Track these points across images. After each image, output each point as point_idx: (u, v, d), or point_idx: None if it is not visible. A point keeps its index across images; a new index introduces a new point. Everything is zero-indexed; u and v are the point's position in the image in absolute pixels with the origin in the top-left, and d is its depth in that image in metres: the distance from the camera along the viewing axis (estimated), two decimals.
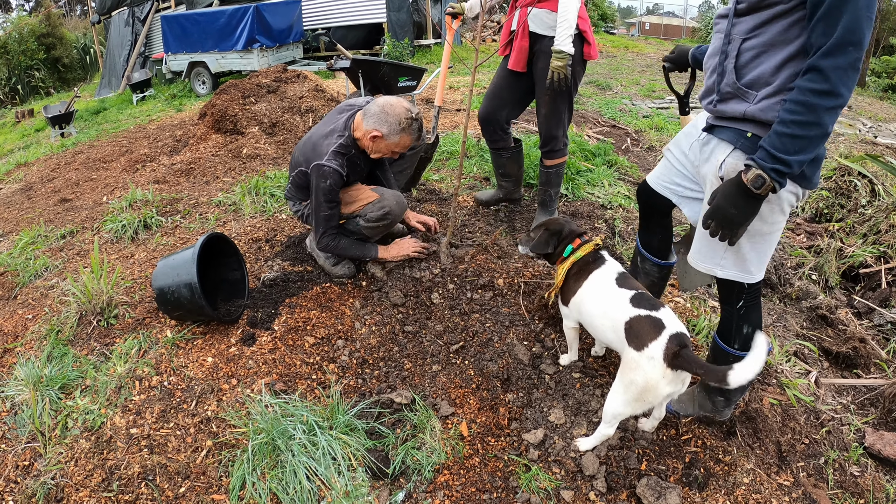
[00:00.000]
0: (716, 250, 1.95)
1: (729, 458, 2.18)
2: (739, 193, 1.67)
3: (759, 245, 1.90)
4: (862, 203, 4.20)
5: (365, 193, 3.05)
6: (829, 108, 1.54)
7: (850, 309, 3.35)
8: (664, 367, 1.88)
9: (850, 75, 1.51)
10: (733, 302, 2.05)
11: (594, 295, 2.20)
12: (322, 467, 1.99)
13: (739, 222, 1.70)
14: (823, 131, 1.56)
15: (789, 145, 1.57)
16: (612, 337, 2.09)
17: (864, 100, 13.08)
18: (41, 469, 2.15)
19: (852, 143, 7.48)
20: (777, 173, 1.60)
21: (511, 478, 2.07)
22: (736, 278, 1.96)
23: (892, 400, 2.58)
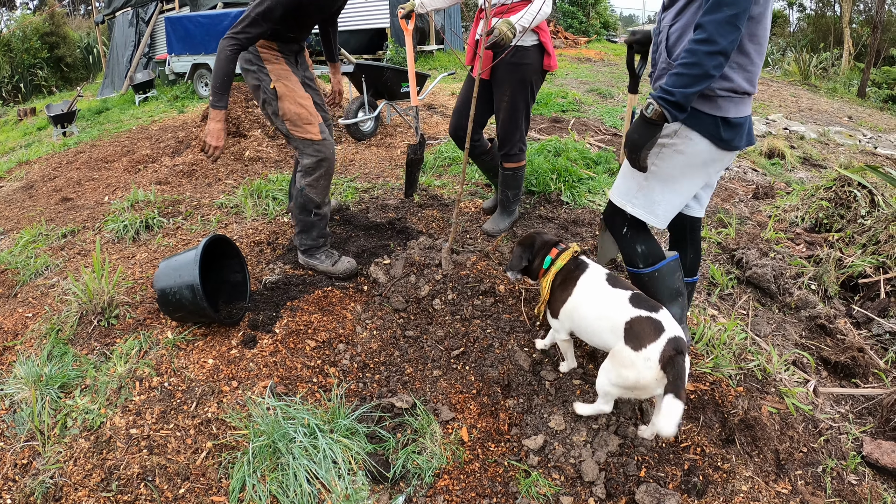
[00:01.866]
0: (630, 189, 2.30)
1: (727, 465, 2.18)
2: (639, 121, 2.04)
3: (668, 193, 2.24)
4: (861, 213, 4.20)
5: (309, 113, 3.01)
6: (706, 53, 1.86)
7: (848, 319, 3.36)
8: (658, 369, 1.93)
9: (725, 28, 1.84)
10: (619, 230, 2.39)
11: (587, 300, 2.20)
12: (322, 470, 1.99)
13: (640, 145, 2.04)
14: (704, 72, 1.88)
15: (676, 81, 1.92)
16: (610, 337, 2.11)
17: (865, 110, 13.11)
18: (40, 468, 2.16)
19: (852, 154, 7.49)
20: (663, 101, 1.94)
21: (511, 483, 2.07)
22: (642, 217, 2.29)
23: (889, 409, 2.58)
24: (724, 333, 2.86)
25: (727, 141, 2.12)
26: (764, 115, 9.40)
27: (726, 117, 2.10)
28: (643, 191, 2.26)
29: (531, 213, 4.14)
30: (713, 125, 2.11)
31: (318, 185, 3.09)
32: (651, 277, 2.40)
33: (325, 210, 3.20)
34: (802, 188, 5.09)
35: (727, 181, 5.63)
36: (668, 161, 2.19)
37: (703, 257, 3.79)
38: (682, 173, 2.20)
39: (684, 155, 2.16)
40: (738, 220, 4.43)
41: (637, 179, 2.26)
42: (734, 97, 2.09)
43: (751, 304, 3.34)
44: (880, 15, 17.11)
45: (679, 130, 2.14)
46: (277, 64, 2.97)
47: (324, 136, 3.03)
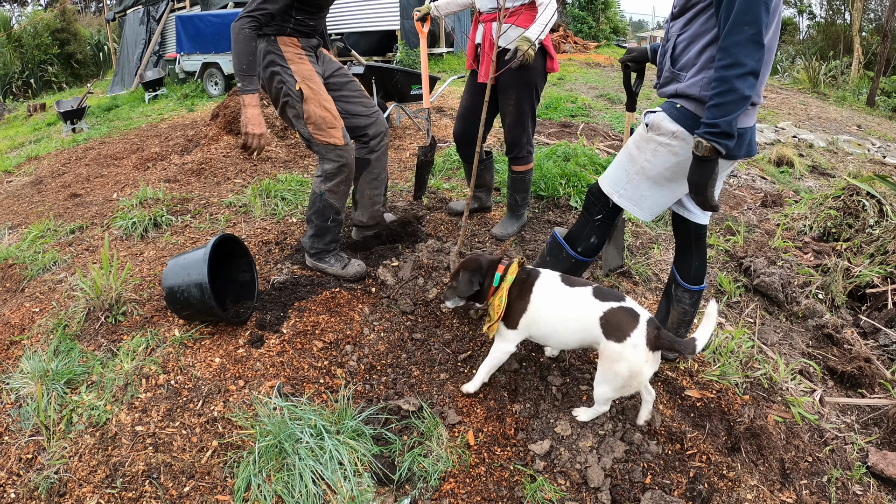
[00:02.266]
0: (620, 179, 2.33)
1: (733, 473, 2.17)
2: (695, 163, 2.00)
3: (656, 190, 2.27)
4: (870, 223, 4.19)
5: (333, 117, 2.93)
6: (737, 77, 1.85)
7: (855, 329, 3.35)
8: (647, 351, 1.99)
9: (749, 48, 1.83)
10: (593, 212, 2.44)
11: (549, 304, 2.19)
12: (328, 471, 1.99)
13: (703, 183, 2.02)
14: (739, 95, 1.86)
15: (715, 112, 1.90)
16: (581, 336, 2.12)
17: (874, 119, 13.06)
18: (44, 463, 2.16)
19: (861, 163, 7.47)
20: (710, 135, 1.92)
21: (516, 488, 2.06)
22: (628, 208, 2.32)
23: (895, 420, 2.57)
24: (731, 341, 2.85)
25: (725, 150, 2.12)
26: (773, 123, 9.38)
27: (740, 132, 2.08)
28: (632, 183, 2.29)
29: (539, 217, 4.14)
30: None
31: (339, 190, 3.03)
32: (573, 262, 2.51)
33: (342, 216, 3.15)
34: (811, 197, 5.08)
35: (735, 189, 5.62)
36: (662, 160, 2.20)
37: (711, 265, 3.78)
38: (673, 174, 2.22)
39: (679, 157, 2.17)
40: (746, 228, 4.42)
41: (628, 172, 2.30)
42: None
43: (758, 312, 3.34)
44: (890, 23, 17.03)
45: (678, 132, 2.15)
46: (302, 64, 2.89)
47: (346, 140, 2.96)
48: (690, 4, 2.08)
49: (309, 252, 3.23)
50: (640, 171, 2.26)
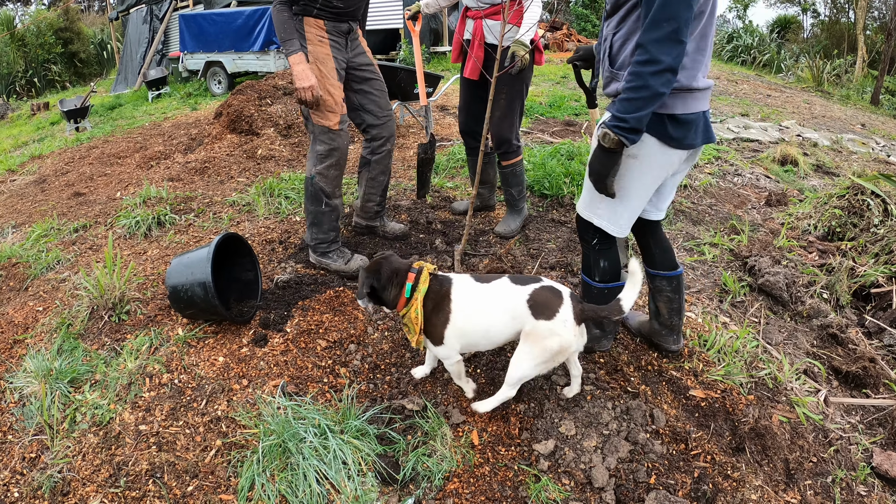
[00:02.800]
0: (594, 201, 2.30)
1: (737, 474, 2.17)
2: (598, 151, 2.06)
3: (628, 201, 2.24)
4: (875, 222, 4.16)
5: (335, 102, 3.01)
6: (652, 73, 1.84)
7: (860, 329, 3.33)
8: (575, 326, 2.03)
9: (666, 45, 1.82)
10: (589, 240, 2.41)
11: (473, 308, 2.13)
12: (332, 471, 1.99)
13: (605, 174, 2.07)
14: (653, 92, 1.87)
15: (627, 106, 1.91)
16: (513, 327, 2.11)
17: (878, 118, 13.01)
18: (48, 462, 2.16)
19: (865, 162, 7.43)
20: (618, 129, 1.94)
21: (521, 488, 2.06)
22: (606, 228, 2.30)
23: None
24: (735, 341, 2.84)
25: (677, 139, 2.11)
26: (777, 122, 9.35)
27: (673, 114, 2.08)
28: (605, 202, 2.26)
29: (544, 216, 4.14)
30: (659, 123, 2.09)
31: (329, 174, 3.10)
32: (600, 293, 2.44)
33: (336, 202, 3.18)
34: (815, 196, 5.06)
35: (740, 188, 5.60)
36: (625, 168, 2.18)
37: (715, 264, 3.77)
38: (639, 177, 2.19)
39: (637, 158, 2.15)
40: (750, 227, 4.41)
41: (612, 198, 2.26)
42: (678, 93, 2.06)
43: (763, 311, 3.32)
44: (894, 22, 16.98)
45: None
46: (319, 46, 2.96)
47: (341, 127, 3.04)
48: (621, 2, 2.08)
49: (311, 246, 3.26)
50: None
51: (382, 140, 3.32)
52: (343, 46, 3.07)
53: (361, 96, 3.22)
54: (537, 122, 7.53)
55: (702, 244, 4.02)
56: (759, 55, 20.84)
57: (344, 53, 3.08)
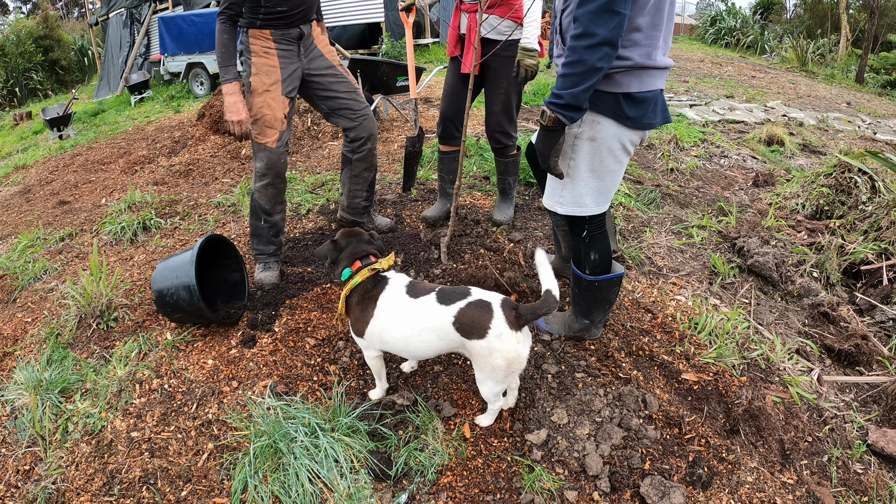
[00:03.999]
0: (555, 189, 2.28)
1: (732, 456, 2.17)
2: (540, 130, 2.05)
3: (592, 183, 2.20)
4: (863, 200, 4.18)
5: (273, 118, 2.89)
6: (587, 47, 1.79)
7: (851, 306, 3.34)
8: (514, 334, 1.92)
9: (601, 17, 1.75)
10: (578, 232, 2.35)
11: (395, 320, 2.07)
12: (325, 470, 1.98)
13: (546, 153, 2.07)
14: (589, 67, 1.82)
15: (563, 83, 1.88)
16: (443, 345, 2.04)
17: (863, 96, 13.06)
18: (42, 473, 2.14)
19: (852, 140, 7.46)
20: (554, 105, 1.91)
21: (514, 478, 2.05)
22: (574, 213, 2.26)
23: (894, 397, 2.57)
24: (727, 323, 2.85)
25: (634, 119, 2.06)
26: (762, 102, 9.37)
27: (629, 93, 2.02)
28: (567, 188, 2.23)
29: (530, 205, 4.12)
30: (614, 103, 2.03)
31: (266, 192, 3.03)
32: (590, 285, 2.42)
33: (274, 218, 3.11)
34: (802, 175, 5.07)
35: (727, 169, 5.60)
36: (583, 151, 2.14)
37: (704, 246, 3.77)
38: (599, 160, 2.14)
39: (596, 141, 2.11)
40: (738, 209, 4.41)
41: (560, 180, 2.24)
42: (634, 71, 1.99)
43: (753, 292, 3.33)
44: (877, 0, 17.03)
45: (584, 117, 2.08)
46: (264, 57, 2.85)
47: (278, 146, 2.94)
48: None
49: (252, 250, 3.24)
50: (569, 173, 2.20)
51: (362, 140, 3.25)
52: (295, 55, 2.94)
53: (330, 102, 3.12)
54: (522, 110, 7.50)
55: (690, 227, 4.02)
56: (743, 37, 20.87)
57: (298, 62, 2.96)
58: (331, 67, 3.10)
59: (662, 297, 3.11)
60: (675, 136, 5.97)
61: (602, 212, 2.29)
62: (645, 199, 4.42)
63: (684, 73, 12.19)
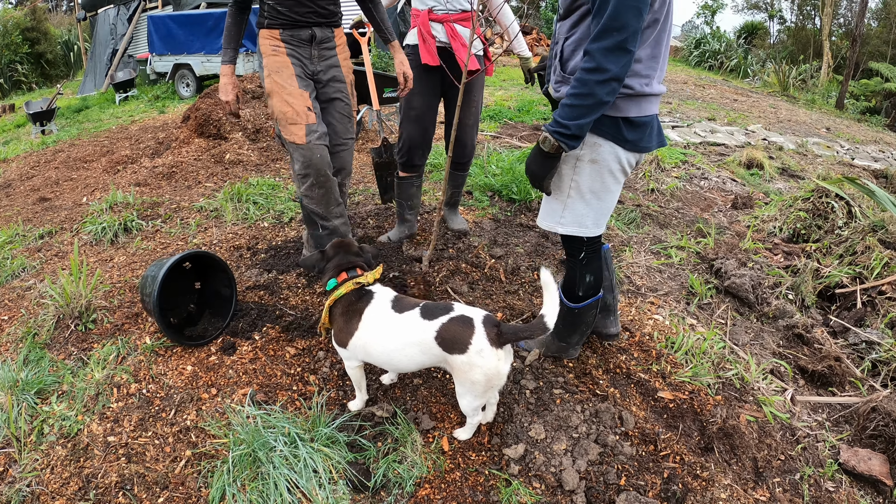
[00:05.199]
0: (555, 210, 2.29)
1: (706, 473, 2.20)
2: (537, 153, 2.09)
3: (592, 203, 2.24)
4: (839, 224, 4.28)
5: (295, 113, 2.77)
6: (598, 82, 1.85)
7: (825, 328, 3.41)
8: (495, 351, 1.95)
9: (614, 54, 1.82)
10: (576, 254, 2.38)
11: (379, 334, 2.09)
12: (303, 479, 1.97)
13: (541, 176, 2.12)
14: (597, 101, 1.88)
15: (569, 113, 1.93)
16: (425, 359, 2.07)
17: (843, 122, 13.33)
18: (16, 476, 2.11)
19: (830, 165, 7.62)
20: (559, 134, 1.96)
21: (492, 492, 2.06)
22: (574, 233, 2.28)
23: (866, 417, 2.62)
24: (703, 343, 2.89)
25: (633, 142, 2.13)
26: (743, 126, 9.54)
27: (627, 117, 2.09)
28: (568, 209, 2.26)
29: (512, 221, 4.17)
30: (615, 126, 2.10)
31: (313, 194, 2.82)
32: (575, 313, 2.46)
33: (334, 223, 2.91)
34: (781, 199, 5.17)
35: (706, 191, 5.70)
36: (584, 172, 2.18)
37: (682, 267, 3.84)
38: (600, 181, 2.19)
39: (597, 163, 2.16)
40: (716, 230, 4.49)
41: (560, 199, 2.26)
42: (633, 98, 2.07)
43: (729, 313, 3.39)
44: (859, 28, 17.43)
45: (586, 139, 2.13)
46: (275, 56, 2.77)
47: (309, 139, 2.75)
48: (575, 6, 2.07)
49: None
50: (570, 195, 2.23)
51: (341, 140, 3.03)
52: (307, 55, 2.85)
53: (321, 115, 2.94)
54: (506, 126, 7.60)
55: (669, 247, 4.08)
56: (727, 60, 21.23)
57: (308, 62, 2.86)
58: (339, 83, 2.99)
59: (640, 316, 3.15)
60: (657, 157, 6.06)
61: (600, 233, 2.33)
62: (625, 219, 4.48)
63: (668, 94, 12.36)
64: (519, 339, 2.01)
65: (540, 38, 19.29)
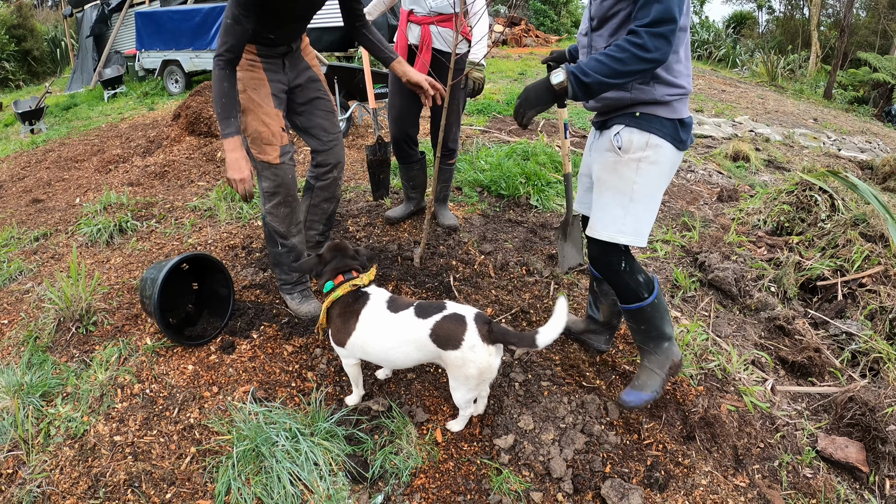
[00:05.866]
0: (616, 217, 2.22)
1: (688, 461, 2.30)
2: (543, 82, 2.06)
3: (650, 207, 2.22)
4: (822, 218, 4.35)
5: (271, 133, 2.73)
6: (638, 57, 1.89)
7: (806, 320, 3.51)
8: (486, 346, 2.05)
9: (661, 40, 1.88)
10: (616, 267, 2.30)
11: (376, 333, 2.18)
12: (305, 472, 2.07)
13: (532, 104, 2.10)
14: (628, 69, 1.91)
15: (597, 66, 1.94)
16: (421, 356, 2.17)
17: (830, 112, 13.45)
18: (26, 477, 2.18)
19: (816, 157, 7.71)
20: (575, 77, 1.97)
21: (483, 480, 2.16)
22: (631, 242, 2.23)
23: (843, 406, 2.71)
24: (686, 335, 2.99)
25: (684, 141, 2.19)
26: (731, 118, 9.62)
27: (682, 118, 2.17)
28: (630, 215, 2.20)
29: (500, 216, 4.24)
30: (674, 129, 2.15)
31: (278, 212, 2.85)
32: (652, 306, 2.34)
33: (293, 241, 2.94)
34: (765, 191, 5.25)
35: (693, 184, 5.79)
36: (647, 175, 2.17)
37: (667, 260, 3.93)
38: (658, 184, 2.21)
39: (658, 164, 2.17)
40: (702, 224, 4.58)
41: (622, 205, 2.20)
42: (683, 98, 2.15)
43: (712, 306, 3.48)
44: (848, 18, 17.57)
45: (650, 141, 2.14)
46: (250, 72, 2.69)
47: (283, 160, 2.77)
48: (611, 14, 2.09)
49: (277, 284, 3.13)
50: (633, 198, 2.19)
51: (328, 167, 3.04)
52: (280, 68, 2.79)
53: (305, 118, 2.95)
54: (495, 120, 7.62)
55: (654, 241, 4.17)
56: (716, 50, 21.32)
57: (283, 75, 2.81)
58: (316, 81, 2.99)
59: None
60: None
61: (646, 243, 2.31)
62: None
63: None
64: (506, 342, 2.09)
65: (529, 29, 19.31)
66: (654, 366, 2.42)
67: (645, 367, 2.45)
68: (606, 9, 2.09)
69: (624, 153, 2.18)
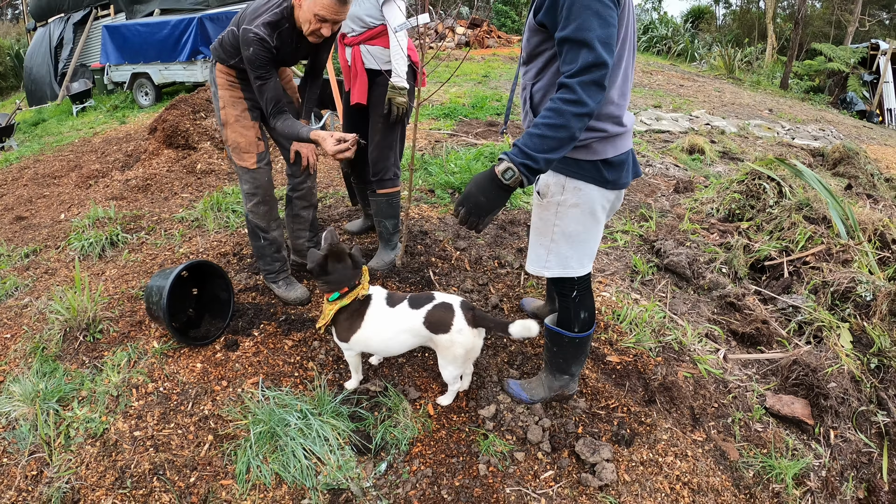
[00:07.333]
0: (540, 256, 2.26)
1: (650, 420, 2.62)
2: (491, 184, 1.84)
3: (577, 246, 2.21)
4: (770, 204, 4.64)
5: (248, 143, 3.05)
6: (575, 115, 1.73)
7: (756, 296, 3.80)
8: (471, 330, 2.35)
9: (593, 89, 1.73)
10: (568, 294, 2.34)
11: (380, 328, 2.43)
12: (317, 447, 2.35)
13: (487, 210, 1.87)
14: (570, 134, 1.75)
15: (539, 144, 1.76)
16: (414, 341, 2.45)
17: (787, 101, 13.85)
18: (52, 476, 2.31)
19: (769, 146, 8.00)
20: (525, 167, 1.77)
21: (473, 445, 2.46)
22: (561, 275, 2.25)
23: (789, 369, 3.02)
24: (645, 314, 3.30)
25: (613, 181, 2.12)
26: (688, 112, 9.96)
27: (606, 159, 2.08)
28: (552, 253, 2.23)
29: None
30: (595, 170, 2.09)
31: (258, 210, 3.18)
32: (577, 342, 2.42)
33: (273, 234, 3.25)
34: (718, 182, 5.54)
35: (651, 177, 6.08)
36: (567, 218, 2.17)
37: (627, 249, 4.23)
38: (582, 224, 2.18)
39: (579, 207, 2.14)
40: (658, 214, 4.86)
41: (544, 244, 2.24)
42: (609, 139, 2.07)
43: (669, 287, 3.78)
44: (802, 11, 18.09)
45: (566, 185, 2.12)
46: (230, 90, 3.01)
47: (259, 165, 3.11)
48: (538, 52, 2.04)
49: (262, 274, 3.42)
50: (555, 238, 2.21)
51: (302, 177, 3.34)
52: None
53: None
54: (461, 123, 7.75)
55: (615, 232, 4.47)
56: (674, 45, 21.71)
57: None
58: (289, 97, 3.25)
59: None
60: None
61: (588, 272, 2.30)
62: None
63: None
64: (486, 325, 2.39)
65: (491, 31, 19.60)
66: (548, 383, 2.60)
67: (543, 378, 2.63)
68: (533, 45, 2.05)
69: (543, 197, 2.19)
